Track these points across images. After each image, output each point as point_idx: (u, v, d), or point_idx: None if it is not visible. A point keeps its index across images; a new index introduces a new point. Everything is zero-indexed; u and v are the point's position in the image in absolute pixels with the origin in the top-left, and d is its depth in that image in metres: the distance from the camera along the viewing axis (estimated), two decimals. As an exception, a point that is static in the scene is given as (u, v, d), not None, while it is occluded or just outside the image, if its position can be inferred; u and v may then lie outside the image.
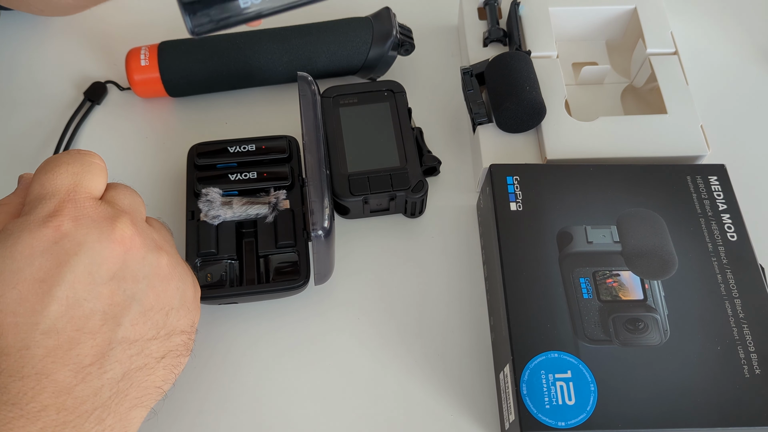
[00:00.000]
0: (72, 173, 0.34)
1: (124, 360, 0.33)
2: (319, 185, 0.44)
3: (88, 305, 0.31)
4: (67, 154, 0.35)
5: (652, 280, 0.43)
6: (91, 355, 0.31)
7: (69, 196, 0.33)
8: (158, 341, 0.35)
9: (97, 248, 0.32)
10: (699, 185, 0.47)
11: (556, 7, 0.57)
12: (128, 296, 0.33)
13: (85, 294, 0.31)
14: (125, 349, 0.33)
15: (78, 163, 0.35)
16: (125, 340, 0.33)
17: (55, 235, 0.32)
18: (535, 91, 0.50)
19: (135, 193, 0.38)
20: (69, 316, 0.31)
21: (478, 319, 0.48)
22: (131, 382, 0.33)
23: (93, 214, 0.33)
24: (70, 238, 0.32)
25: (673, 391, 0.39)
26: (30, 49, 0.61)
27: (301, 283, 0.46)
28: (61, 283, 0.31)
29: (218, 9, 0.32)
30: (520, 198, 0.47)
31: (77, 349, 0.31)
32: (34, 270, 0.31)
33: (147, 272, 0.34)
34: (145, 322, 0.34)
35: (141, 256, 0.34)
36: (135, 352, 0.33)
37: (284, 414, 0.45)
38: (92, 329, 0.31)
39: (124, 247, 0.33)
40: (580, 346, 0.41)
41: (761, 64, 0.61)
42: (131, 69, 0.55)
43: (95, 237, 0.32)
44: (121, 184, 0.38)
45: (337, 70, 0.57)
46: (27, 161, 0.55)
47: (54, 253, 0.31)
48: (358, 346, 0.47)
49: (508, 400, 0.41)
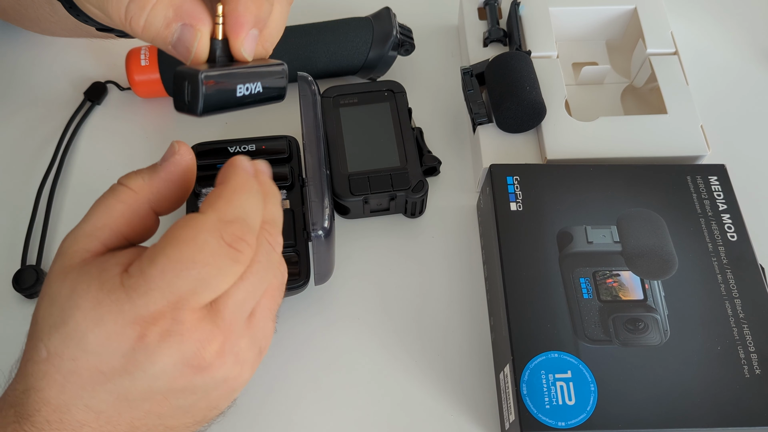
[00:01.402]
0: (200, 279, 0.28)
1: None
2: (319, 185, 0.44)
3: (136, 404, 0.30)
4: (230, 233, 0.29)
5: (652, 280, 0.43)
6: (125, 429, 0.31)
7: (175, 305, 0.29)
8: (193, 425, 0.34)
9: (168, 371, 0.29)
10: (699, 185, 0.47)
11: (556, 7, 0.57)
12: (179, 404, 0.31)
13: (136, 397, 0.30)
14: (159, 429, 0.32)
15: (218, 266, 0.29)
16: (162, 425, 0.32)
17: (135, 342, 0.29)
18: (535, 91, 0.50)
19: (262, 281, 0.31)
20: (114, 405, 0.30)
21: (478, 319, 0.48)
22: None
23: (186, 334, 0.29)
24: (148, 354, 0.29)
25: (673, 391, 0.39)
26: (30, 49, 0.61)
27: (301, 283, 0.46)
28: (118, 385, 0.29)
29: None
30: (520, 198, 0.47)
31: (114, 426, 0.30)
32: (100, 361, 0.29)
33: (208, 387, 0.31)
34: (187, 416, 0.32)
35: (210, 378, 0.31)
36: (168, 429, 0.33)
37: (284, 414, 0.45)
38: (133, 417, 0.30)
39: (196, 372, 0.30)
40: (580, 346, 0.41)
41: (761, 64, 0.61)
42: (131, 69, 0.55)
43: (172, 361, 0.29)
44: (257, 264, 0.31)
45: (337, 70, 0.57)
46: (27, 161, 0.55)
47: (126, 358, 0.29)
48: (358, 346, 0.47)
49: (508, 400, 0.41)
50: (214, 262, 0.29)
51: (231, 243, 0.29)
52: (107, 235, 0.31)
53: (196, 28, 0.31)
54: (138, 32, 0.31)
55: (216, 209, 0.30)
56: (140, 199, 0.31)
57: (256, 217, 0.31)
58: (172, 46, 0.32)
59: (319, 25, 0.56)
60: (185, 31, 0.31)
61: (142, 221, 0.32)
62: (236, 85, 0.32)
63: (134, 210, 0.31)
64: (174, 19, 0.31)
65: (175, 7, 0.31)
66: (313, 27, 0.56)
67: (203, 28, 0.31)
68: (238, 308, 0.31)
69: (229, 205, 0.30)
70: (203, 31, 0.31)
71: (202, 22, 0.31)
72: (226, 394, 0.33)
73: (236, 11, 0.31)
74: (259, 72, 0.33)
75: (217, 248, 0.29)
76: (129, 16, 0.31)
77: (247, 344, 0.32)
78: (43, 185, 0.53)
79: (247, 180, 0.31)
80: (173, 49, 0.32)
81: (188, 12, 0.31)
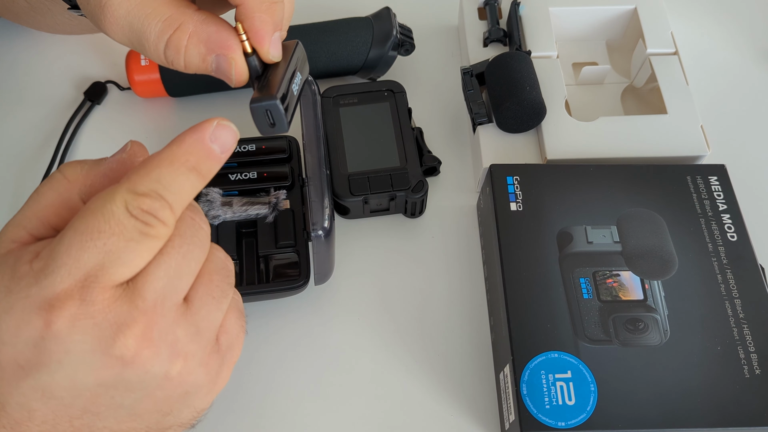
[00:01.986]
0: (105, 251, 0.27)
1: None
2: (319, 185, 0.44)
3: (67, 400, 0.28)
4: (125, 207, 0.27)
5: (652, 280, 0.43)
6: (69, 431, 0.29)
7: (83, 283, 0.27)
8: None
9: (86, 360, 0.27)
10: (699, 185, 0.47)
11: (556, 7, 0.57)
12: (116, 402, 0.29)
13: (63, 393, 0.28)
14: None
15: (123, 237, 0.27)
16: (108, 429, 0.30)
17: (43, 330, 0.27)
18: (535, 91, 0.50)
19: (185, 258, 0.29)
20: (44, 402, 0.28)
21: (478, 319, 0.48)
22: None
23: (98, 315, 0.27)
24: (59, 342, 0.27)
25: (673, 391, 0.39)
26: (30, 49, 0.61)
27: (301, 283, 0.46)
28: (38, 379, 0.27)
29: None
30: (520, 198, 0.47)
31: (53, 425, 0.29)
32: (15, 352, 0.27)
33: (147, 384, 0.29)
34: (134, 420, 0.30)
35: (143, 371, 0.28)
36: (116, 430, 0.30)
37: (285, 414, 0.45)
38: (71, 415, 0.29)
39: (122, 363, 0.28)
40: (580, 346, 0.41)
41: (761, 64, 0.61)
42: (131, 69, 0.55)
43: (88, 347, 0.27)
44: (178, 239, 0.29)
45: (337, 70, 0.57)
46: (27, 161, 0.55)
47: (38, 348, 0.27)
48: (358, 346, 0.47)
49: (508, 400, 0.41)
50: (121, 232, 0.27)
51: (138, 216, 0.27)
52: (34, 224, 0.30)
53: (229, 56, 0.33)
54: (181, 69, 0.33)
55: (129, 180, 0.28)
56: (72, 189, 0.30)
57: (179, 194, 0.29)
58: (215, 74, 0.34)
59: (319, 25, 0.56)
60: (221, 61, 0.33)
61: (71, 212, 0.30)
62: (292, 86, 0.35)
63: (65, 200, 0.30)
64: (207, 52, 0.33)
65: (204, 41, 0.33)
66: (313, 27, 0.56)
67: (234, 54, 0.33)
68: (162, 289, 0.28)
69: (144, 177, 0.28)
70: (235, 57, 0.33)
71: (231, 49, 0.33)
72: (177, 396, 0.30)
73: (254, 27, 0.33)
74: (295, 63, 0.35)
75: (124, 219, 0.27)
76: (169, 59, 0.33)
77: (187, 334, 0.29)
78: (43, 185, 0.53)
79: (183, 153, 0.29)
80: (216, 75, 0.34)
81: (218, 43, 0.33)
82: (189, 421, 0.33)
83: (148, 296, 0.28)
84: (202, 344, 0.30)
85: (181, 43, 0.32)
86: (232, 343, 0.33)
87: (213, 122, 0.30)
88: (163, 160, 0.29)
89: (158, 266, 0.28)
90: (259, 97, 0.33)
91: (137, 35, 0.33)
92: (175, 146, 0.29)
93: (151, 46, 0.33)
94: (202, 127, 0.30)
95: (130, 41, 0.33)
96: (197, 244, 0.29)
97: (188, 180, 0.29)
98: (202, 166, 0.29)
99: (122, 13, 0.32)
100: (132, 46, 0.34)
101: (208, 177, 0.30)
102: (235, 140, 0.31)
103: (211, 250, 0.31)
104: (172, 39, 0.32)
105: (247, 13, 0.32)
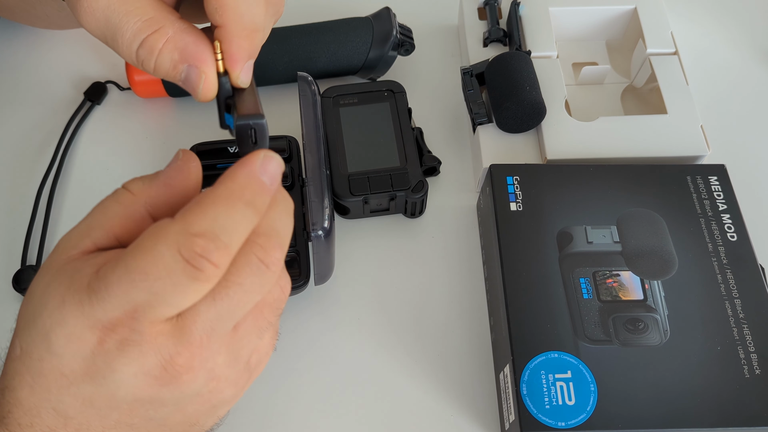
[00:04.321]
0: (153, 292, 0.27)
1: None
2: (319, 185, 0.44)
3: (104, 411, 0.30)
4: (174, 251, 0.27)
5: (652, 280, 0.43)
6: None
7: (132, 315, 0.28)
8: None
9: (129, 381, 0.28)
10: (699, 185, 0.47)
11: (556, 7, 0.57)
12: (149, 415, 0.30)
13: (101, 404, 0.29)
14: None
15: (171, 280, 0.27)
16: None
17: (94, 347, 0.28)
18: (535, 91, 0.50)
19: (242, 302, 0.29)
20: (81, 411, 0.29)
21: (478, 319, 0.48)
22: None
23: (145, 346, 0.28)
24: (107, 361, 0.28)
25: (673, 391, 0.39)
26: (30, 49, 0.61)
27: (301, 283, 0.47)
28: (81, 389, 0.29)
29: None
30: (520, 198, 0.47)
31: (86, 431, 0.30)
32: (62, 363, 0.28)
33: (180, 401, 0.30)
34: (160, 428, 0.32)
35: (179, 392, 0.30)
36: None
37: (284, 413, 0.45)
38: (104, 425, 0.30)
39: (162, 384, 0.29)
40: (580, 346, 0.41)
41: (761, 64, 0.61)
42: (131, 69, 0.55)
43: (132, 371, 0.28)
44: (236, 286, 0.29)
45: (337, 70, 0.57)
46: (27, 161, 0.55)
47: (86, 362, 0.28)
48: (358, 346, 0.47)
49: (508, 400, 0.41)
50: (168, 277, 0.27)
51: (189, 259, 0.27)
52: (99, 234, 0.30)
53: (201, 69, 0.32)
54: (150, 72, 0.33)
55: (184, 219, 0.28)
56: (137, 202, 0.31)
57: (236, 233, 0.28)
58: (182, 82, 0.33)
59: (319, 25, 0.56)
60: (191, 72, 0.32)
61: (136, 224, 0.31)
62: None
63: (130, 212, 0.31)
64: (180, 60, 0.32)
65: (180, 49, 0.32)
66: (313, 27, 0.56)
67: (207, 69, 0.32)
68: (210, 327, 0.29)
69: (200, 216, 0.28)
70: (207, 72, 0.32)
71: (205, 63, 0.32)
72: (205, 410, 0.32)
73: (230, 50, 0.32)
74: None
75: (172, 263, 0.27)
76: (140, 59, 0.32)
77: (225, 360, 0.31)
78: (43, 185, 0.53)
79: (238, 188, 0.29)
80: (183, 85, 0.33)
81: (192, 54, 0.32)
82: (210, 426, 0.34)
83: (196, 333, 0.29)
84: (239, 368, 0.32)
85: (156, 46, 0.32)
86: (261, 360, 0.34)
87: (260, 154, 0.30)
88: (218, 197, 0.28)
89: (209, 309, 0.28)
90: (246, 115, 0.32)
91: (112, 30, 0.32)
92: (228, 182, 0.29)
93: (124, 43, 0.32)
94: (251, 161, 0.30)
95: (103, 34, 0.33)
96: (257, 291, 0.29)
97: (245, 217, 0.28)
98: (257, 200, 0.29)
99: (101, 6, 0.32)
100: (103, 40, 0.33)
101: (263, 211, 0.29)
102: (281, 170, 0.31)
103: (274, 284, 0.31)
104: (149, 39, 0.32)
105: (227, 36, 0.32)
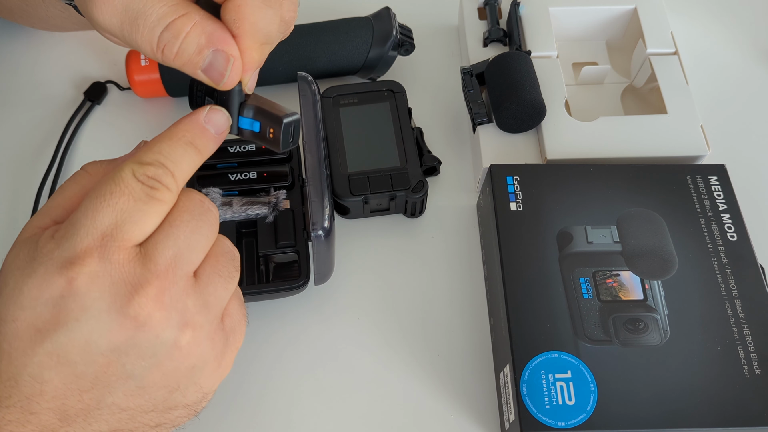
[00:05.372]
0: (118, 210, 0.30)
1: (112, 421, 0.31)
2: (319, 185, 0.44)
3: (80, 368, 0.30)
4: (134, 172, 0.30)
5: (652, 280, 0.43)
6: (77, 408, 0.30)
7: (101, 242, 0.29)
8: (155, 413, 0.32)
9: (102, 319, 0.29)
10: (699, 185, 0.47)
11: (556, 7, 0.57)
12: (127, 371, 0.30)
13: (77, 358, 0.29)
14: (114, 413, 0.31)
15: (132, 197, 0.30)
16: (115, 405, 0.31)
17: (64, 288, 0.29)
18: (535, 91, 0.50)
19: (194, 232, 0.32)
20: (57, 371, 0.29)
21: (478, 319, 0.48)
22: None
23: (115, 274, 0.29)
24: (78, 299, 0.29)
25: (673, 391, 0.39)
26: (30, 49, 0.61)
27: (301, 283, 0.46)
28: (55, 342, 0.29)
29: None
30: (520, 198, 0.47)
31: (62, 400, 0.30)
32: (35, 315, 0.29)
33: (157, 351, 0.31)
34: (142, 395, 0.31)
35: (154, 335, 0.30)
36: (126, 417, 0.32)
37: (284, 413, 0.45)
38: (81, 388, 0.30)
39: (135, 324, 0.30)
40: (580, 346, 0.41)
41: (762, 64, 0.61)
42: (131, 69, 0.55)
43: (105, 306, 0.29)
44: (187, 213, 0.32)
45: (337, 70, 0.57)
46: (27, 161, 0.55)
47: (57, 307, 0.29)
48: (359, 346, 0.47)
49: (508, 400, 0.41)
50: (130, 194, 0.30)
51: (144, 180, 0.30)
52: (58, 212, 0.32)
53: (229, 53, 0.32)
54: (170, 59, 0.32)
55: (135, 155, 0.32)
56: (93, 181, 0.33)
57: (179, 163, 0.32)
58: (202, 71, 0.32)
59: (319, 25, 0.56)
60: (217, 57, 0.32)
61: None
62: None
63: (86, 191, 0.32)
64: (207, 45, 0.32)
65: (208, 34, 0.31)
66: (313, 27, 0.56)
67: (236, 53, 0.32)
68: (172, 257, 0.31)
69: (147, 151, 0.31)
70: (236, 55, 0.32)
71: (233, 47, 0.32)
72: (184, 369, 0.32)
73: (242, 60, 0.32)
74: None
75: (132, 182, 0.30)
76: (162, 43, 0.31)
77: (195, 305, 0.31)
78: (43, 185, 0.53)
79: (180, 130, 0.32)
80: (202, 74, 0.32)
81: (220, 38, 0.32)
82: (194, 404, 0.34)
83: (160, 261, 0.30)
84: (210, 318, 0.32)
85: (183, 29, 0.31)
86: (235, 327, 0.35)
87: (207, 107, 0.34)
88: (163, 136, 0.32)
89: (168, 236, 0.31)
90: (286, 114, 0.34)
91: (132, 15, 0.31)
92: (173, 126, 0.33)
93: (147, 26, 0.31)
94: (197, 111, 0.33)
95: (119, 22, 0.31)
96: (205, 222, 0.32)
97: (186, 152, 0.32)
98: (198, 141, 0.32)
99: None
100: (118, 29, 0.32)
101: (205, 153, 0.33)
102: (227, 123, 0.34)
103: (219, 236, 0.34)
104: (176, 22, 0.31)
105: (239, 47, 0.32)
